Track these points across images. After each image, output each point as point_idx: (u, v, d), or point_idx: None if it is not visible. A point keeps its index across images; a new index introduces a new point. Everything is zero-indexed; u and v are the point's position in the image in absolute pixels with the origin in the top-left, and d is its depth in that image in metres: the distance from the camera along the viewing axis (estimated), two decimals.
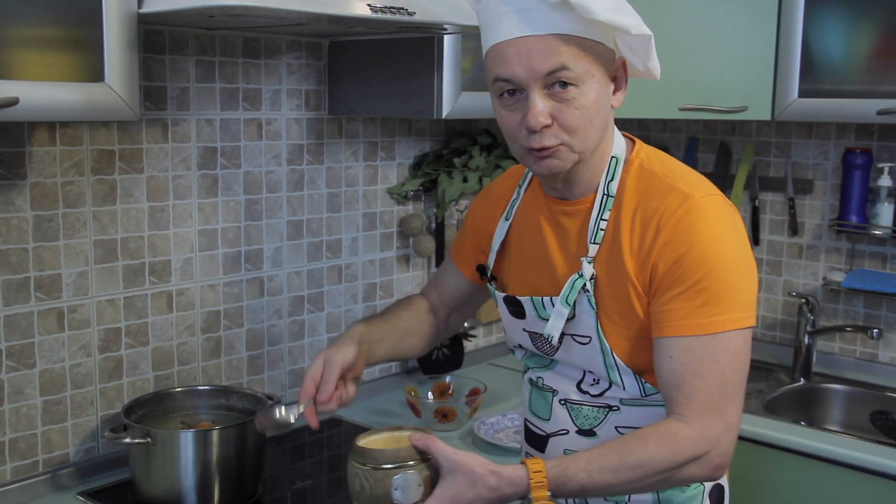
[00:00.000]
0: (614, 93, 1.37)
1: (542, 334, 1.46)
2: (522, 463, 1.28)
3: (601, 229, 1.39)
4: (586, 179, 1.41)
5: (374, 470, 1.27)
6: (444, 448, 1.28)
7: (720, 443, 1.31)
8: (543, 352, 1.51)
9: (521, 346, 1.56)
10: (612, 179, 1.40)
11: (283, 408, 1.48)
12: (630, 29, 1.30)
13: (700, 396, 1.30)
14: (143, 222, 1.89)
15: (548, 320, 1.43)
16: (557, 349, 1.48)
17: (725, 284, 1.30)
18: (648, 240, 1.34)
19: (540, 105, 1.28)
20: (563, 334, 1.43)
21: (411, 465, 1.27)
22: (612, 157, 1.41)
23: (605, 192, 1.39)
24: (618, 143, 1.42)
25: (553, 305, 1.42)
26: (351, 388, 1.48)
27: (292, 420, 1.47)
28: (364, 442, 1.34)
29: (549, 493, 1.26)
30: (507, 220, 1.55)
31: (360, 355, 1.48)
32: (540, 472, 1.25)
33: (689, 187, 1.35)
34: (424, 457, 1.29)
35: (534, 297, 1.46)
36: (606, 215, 1.39)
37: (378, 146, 2.33)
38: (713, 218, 1.32)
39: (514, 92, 1.31)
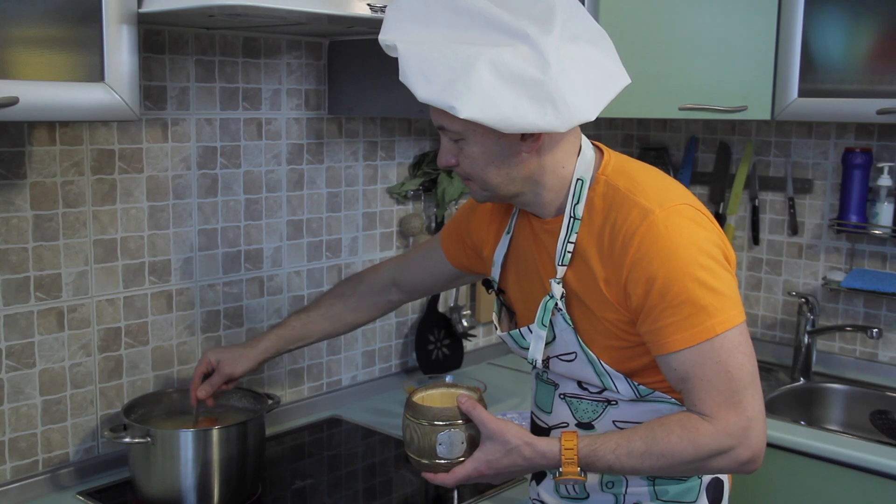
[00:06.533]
0: (524, 139, 1.36)
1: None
2: (558, 438, 1.36)
3: (568, 252, 1.41)
4: (548, 202, 1.44)
5: (423, 425, 1.41)
6: (483, 416, 1.38)
7: (746, 438, 1.32)
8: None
9: None
10: (577, 202, 1.41)
11: None
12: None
13: (712, 395, 1.32)
14: (143, 222, 1.89)
15: (528, 348, 1.48)
16: (547, 369, 1.53)
17: (703, 292, 1.30)
18: (617, 256, 1.36)
19: (445, 148, 1.42)
20: (547, 357, 1.49)
21: (456, 425, 1.40)
22: (578, 179, 1.41)
23: (572, 214, 1.41)
24: (583, 163, 1.42)
25: (531, 332, 1.46)
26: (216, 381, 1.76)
27: None
28: (419, 397, 1.47)
29: (579, 469, 1.34)
30: (509, 233, 1.57)
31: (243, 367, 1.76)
32: (571, 449, 1.34)
33: (649, 201, 1.35)
34: (469, 418, 1.40)
35: (512, 332, 1.52)
36: (573, 237, 1.41)
37: (378, 146, 2.33)
38: (674, 230, 1.33)
39: None
